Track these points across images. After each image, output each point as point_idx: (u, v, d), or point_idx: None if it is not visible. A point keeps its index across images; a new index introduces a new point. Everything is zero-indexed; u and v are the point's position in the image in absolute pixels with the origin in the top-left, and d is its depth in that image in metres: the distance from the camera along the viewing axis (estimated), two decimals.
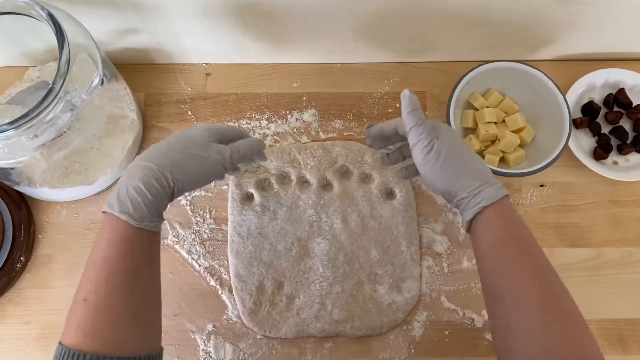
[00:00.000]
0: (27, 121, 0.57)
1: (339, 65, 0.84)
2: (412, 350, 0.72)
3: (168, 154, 0.55)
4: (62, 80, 0.58)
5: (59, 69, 0.58)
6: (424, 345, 0.72)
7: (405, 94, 0.58)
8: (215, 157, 0.57)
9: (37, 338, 0.71)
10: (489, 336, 0.72)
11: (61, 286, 0.73)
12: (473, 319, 0.73)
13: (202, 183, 0.58)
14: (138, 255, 0.52)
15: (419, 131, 0.58)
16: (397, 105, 0.82)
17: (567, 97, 0.79)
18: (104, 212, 0.53)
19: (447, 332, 0.72)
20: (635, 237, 0.76)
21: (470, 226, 0.57)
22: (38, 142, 0.60)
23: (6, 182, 0.71)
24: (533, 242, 0.55)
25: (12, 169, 0.63)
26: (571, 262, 0.75)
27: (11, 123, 0.56)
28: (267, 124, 0.80)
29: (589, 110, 0.79)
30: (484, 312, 0.73)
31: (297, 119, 0.81)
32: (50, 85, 0.57)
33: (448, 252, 0.75)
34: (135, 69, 0.82)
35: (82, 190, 0.74)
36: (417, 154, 0.58)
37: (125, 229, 0.52)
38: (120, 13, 0.71)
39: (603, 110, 0.81)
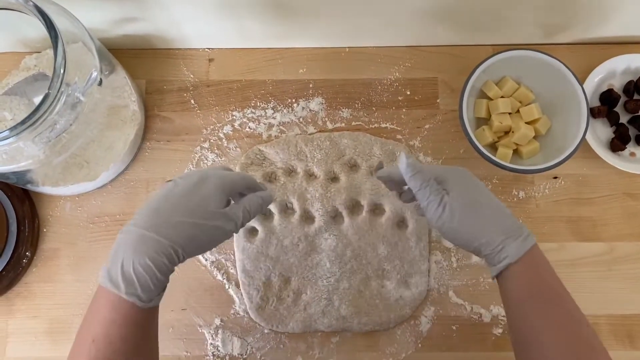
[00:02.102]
0: (29, 126, 0.55)
1: (347, 49, 0.80)
2: (419, 345, 0.72)
3: (179, 226, 0.50)
4: (58, 84, 0.55)
5: (54, 71, 0.56)
6: (431, 340, 0.72)
7: (402, 159, 0.55)
8: (228, 227, 0.53)
9: (46, 332, 0.72)
10: (496, 331, 0.72)
11: (68, 280, 0.73)
12: (481, 314, 0.73)
13: (208, 250, 0.55)
14: (141, 333, 0.50)
15: (426, 194, 0.55)
16: (408, 92, 0.79)
17: (585, 83, 0.76)
18: (101, 287, 0.49)
19: (454, 327, 0.72)
20: None
21: (497, 277, 0.55)
22: (38, 147, 0.59)
23: (7, 182, 0.69)
24: (562, 293, 0.52)
25: (13, 173, 0.62)
26: (583, 257, 0.74)
27: (12, 130, 0.54)
28: (272, 113, 0.78)
29: (608, 98, 0.76)
30: (492, 307, 0.73)
31: (303, 108, 0.78)
32: (48, 90, 0.55)
33: (457, 247, 0.74)
34: (135, 55, 0.79)
35: (84, 186, 0.72)
36: (430, 216, 0.55)
37: (130, 310, 0.48)
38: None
39: (623, 99, 0.77)
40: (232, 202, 0.57)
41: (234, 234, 0.60)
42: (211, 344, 0.72)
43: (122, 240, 0.50)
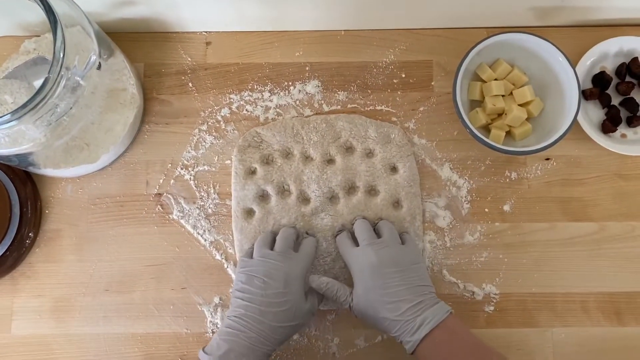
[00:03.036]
0: (30, 110, 0.56)
1: (342, 32, 0.81)
2: None
3: (279, 330, 0.63)
4: (58, 68, 0.56)
5: (54, 55, 0.57)
6: None
7: (312, 282, 0.69)
8: (309, 319, 0.67)
9: (51, 310, 0.74)
10: (488, 308, 0.74)
11: (71, 260, 0.75)
12: (473, 292, 0.74)
13: None
14: None
15: (339, 301, 0.67)
16: (403, 75, 0.80)
17: (578, 66, 0.77)
18: None
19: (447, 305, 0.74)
20: (639, 211, 0.76)
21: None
22: (39, 130, 0.60)
23: (9, 164, 0.71)
24: (478, 351, 0.60)
25: (15, 155, 0.63)
26: (574, 236, 0.76)
27: (13, 113, 0.55)
28: (269, 96, 0.79)
29: (600, 81, 0.77)
30: (484, 286, 0.75)
31: (299, 91, 0.79)
32: (48, 74, 0.56)
33: (450, 226, 0.76)
34: (133, 38, 0.80)
35: (85, 168, 0.74)
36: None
37: None
38: None
39: (615, 81, 0.78)
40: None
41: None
42: (210, 321, 0.74)
43: (231, 336, 0.62)
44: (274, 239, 0.71)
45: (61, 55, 0.57)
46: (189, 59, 0.80)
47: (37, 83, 0.72)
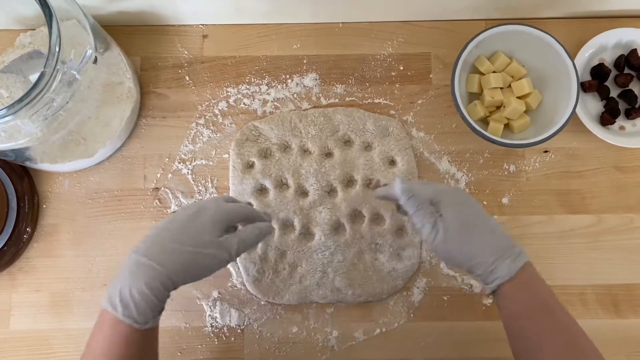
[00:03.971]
0: (26, 104, 0.56)
1: (340, 25, 0.80)
2: (411, 315, 0.74)
3: (175, 254, 0.54)
4: (54, 62, 0.56)
5: (49, 49, 0.56)
6: (423, 311, 0.74)
7: (397, 185, 0.58)
8: (222, 256, 0.56)
9: (48, 305, 0.74)
10: (486, 301, 0.74)
11: (69, 255, 0.75)
12: (471, 285, 0.75)
13: (203, 278, 0.57)
14: (140, 352, 0.54)
15: (420, 217, 0.57)
16: (401, 68, 0.79)
17: (576, 58, 0.77)
18: (103, 308, 0.53)
19: (445, 298, 0.74)
20: (637, 203, 0.76)
21: (492, 294, 0.58)
22: (35, 124, 0.59)
23: (6, 159, 0.70)
24: (554, 307, 0.56)
25: (11, 150, 0.62)
26: (572, 229, 0.76)
27: (9, 108, 0.55)
28: (267, 89, 0.78)
29: (599, 73, 0.77)
30: None
31: (297, 84, 0.79)
32: (44, 68, 0.56)
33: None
34: (129, 32, 0.79)
35: (82, 162, 0.73)
36: (425, 238, 0.58)
37: (128, 330, 0.52)
38: None
39: (613, 73, 0.78)
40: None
41: None
42: (209, 315, 0.74)
43: (123, 267, 0.54)
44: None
45: (57, 50, 0.56)
46: (186, 52, 0.80)
47: (33, 77, 0.72)
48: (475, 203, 0.60)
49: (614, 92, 0.78)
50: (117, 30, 0.77)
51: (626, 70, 0.78)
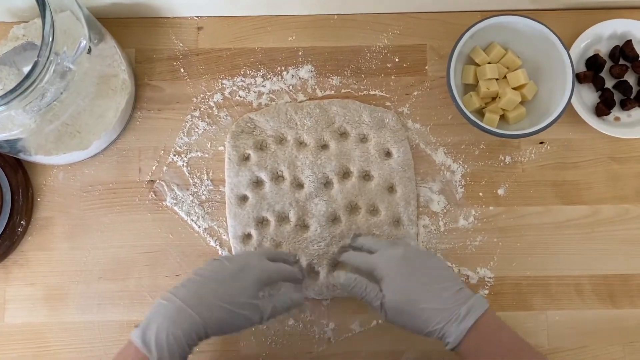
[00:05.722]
0: (19, 95, 0.55)
1: (335, 16, 0.80)
2: None
3: (214, 309, 0.57)
4: (47, 52, 0.56)
5: (42, 39, 0.56)
6: None
7: (340, 280, 0.65)
8: (255, 318, 0.59)
9: (44, 298, 0.73)
10: (482, 292, 0.74)
11: (64, 248, 0.74)
12: (468, 276, 0.75)
13: (231, 334, 0.60)
14: None
15: (367, 300, 0.62)
16: (397, 59, 0.79)
17: (572, 49, 0.77)
18: (133, 344, 0.55)
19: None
20: (632, 193, 0.77)
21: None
22: (29, 115, 0.59)
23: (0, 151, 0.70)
24: (522, 354, 0.57)
25: (5, 141, 0.62)
26: (567, 219, 0.76)
27: (2, 98, 0.55)
28: (262, 81, 0.78)
29: (594, 64, 0.77)
30: (479, 269, 0.75)
31: (293, 76, 0.78)
32: (37, 58, 0.55)
33: (445, 211, 0.76)
34: (123, 24, 0.79)
35: (77, 155, 0.73)
36: (379, 314, 0.62)
37: None
38: None
39: (608, 64, 0.78)
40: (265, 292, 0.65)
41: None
42: None
43: (161, 306, 0.57)
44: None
45: (50, 39, 0.56)
46: (181, 45, 0.79)
47: (26, 69, 0.70)
48: (420, 265, 0.62)
49: (609, 83, 0.78)
50: (111, 22, 0.77)
51: (621, 61, 0.78)
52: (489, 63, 0.75)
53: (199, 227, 0.75)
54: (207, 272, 0.60)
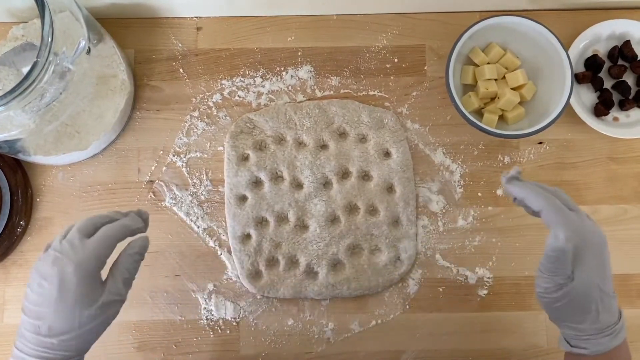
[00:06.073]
0: (18, 95, 0.56)
1: (334, 17, 0.80)
2: (407, 307, 0.74)
3: (74, 337, 0.50)
4: (46, 52, 0.56)
5: (42, 39, 0.56)
6: (418, 302, 0.74)
7: (561, 236, 0.52)
8: (115, 308, 0.52)
9: None
10: (481, 292, 0.75)
11: None
12: (467, 276, 0.75)
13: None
14: None
15: (550, 271, 0.52)
16: (396, 60, 0.79)
17: (570, 49, 0.77)
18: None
19: (441, 289, 0.75)
20: (631, 194, 0.77)
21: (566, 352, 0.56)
22: (28, 115, 0.59)
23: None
24: None
25: (4, 142, 0.62)
26: None
27: (1, 99, 0.55)
28: (261, 82, 0.78)
29: (593, 64, 0.77)
30: (477, 269, 0.75)
31: (292, 76, 0.78)
32: (36, 59, 0.55)
33: (444, 211, 0.76)
34: (122, 24, 0.79)
35: (76, 155, 0.73)
36: (540, 289, 0.54)
37: None
38: None
39: (607, 64, 0.78)
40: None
41: None
42: (205, 308, 0.74)
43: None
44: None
45: (49, 40, 0.56)
46: (180, 45, 0.79)
47: (26, 69, 0.70)
48: (608, 262, 0.55)
49: (608, 84, 0.78)
50: (111, 23, 0.77)
51: (620, 62, 0.78)
52: (488, 63, 0.75)
53: (198, 227, 0.75)
54: (33, 294, 0.51)
